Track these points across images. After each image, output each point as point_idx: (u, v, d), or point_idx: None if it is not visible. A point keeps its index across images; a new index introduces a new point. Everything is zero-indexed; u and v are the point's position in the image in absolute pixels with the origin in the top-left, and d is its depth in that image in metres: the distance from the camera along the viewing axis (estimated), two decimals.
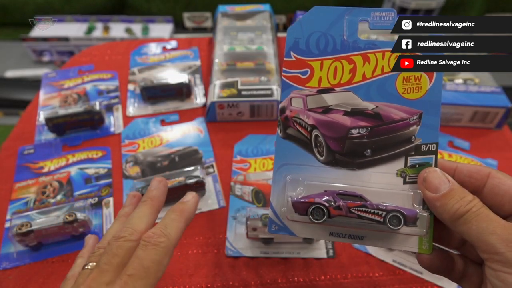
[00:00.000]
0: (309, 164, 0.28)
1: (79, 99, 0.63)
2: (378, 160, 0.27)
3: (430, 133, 0.26)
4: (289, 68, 0.28)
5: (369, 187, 0.27)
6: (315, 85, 0.28)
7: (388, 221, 0.25)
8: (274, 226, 0.28)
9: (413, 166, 0.26)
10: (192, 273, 0.42)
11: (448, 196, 0.23)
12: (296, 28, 0.28)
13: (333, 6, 0.28)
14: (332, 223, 0.27)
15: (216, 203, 0.48)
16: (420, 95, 0.27)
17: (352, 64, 0.28)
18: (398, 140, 0.27)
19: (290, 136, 0.28)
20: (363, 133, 0.27)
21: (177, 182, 0.46)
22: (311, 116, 0.28)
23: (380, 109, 0.28)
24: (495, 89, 0.57)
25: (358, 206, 0.26)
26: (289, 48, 0.28)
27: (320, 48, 0.28)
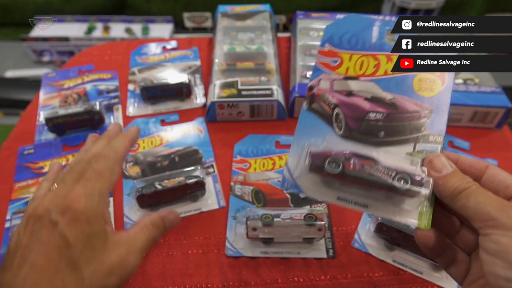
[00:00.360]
0: (327, 134, 0.31)
1: (79, 99, 0.63)
2: (389, 142, 0.30)
3: (438, 127, 0.30)
4: (323, 55, 0.34)
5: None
6: (343, 72, 0.33)
7: (396, 181, 0.28)
8: (287, 183, 0.31)
9: (420, 152, 0.30)
10: (192, 273, 0.42)
11: (451, 176, 0.26)
12: (333, 26, 0.34)
13: (366, 15, 0.34)
14: (341, 188, 0.30)
15: (216, 203, 0.48)
16: (432, 94, 0.32)
17: (377, 61, 0.33)
18: (410, 128, 0.31)
19: (313, 110, 0.33)
20: (379, 117, 0.31)
21: (177, 182, 0.46)
22: (336, 97, 0.32)
23: (397, 100, 0.32)
24: (495, 89, 0.57)
25: (371, 165, 0.29)
26: (325, 40, 0.34)
27: (351, 44, 0.33)
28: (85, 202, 0.28)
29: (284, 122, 0.59)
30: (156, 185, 0.45)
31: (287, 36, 0.79)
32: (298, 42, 0.68)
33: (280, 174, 0.52)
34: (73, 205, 0.28)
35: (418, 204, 0.28)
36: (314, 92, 0.33)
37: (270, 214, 0.43)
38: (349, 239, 0.45)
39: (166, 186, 0.45)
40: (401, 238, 0.42)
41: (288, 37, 0.78)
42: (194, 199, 0.48)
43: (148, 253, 0.44)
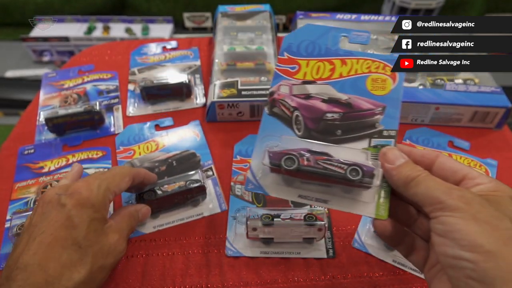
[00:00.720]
0: (286, 135, 0.34)
1: (79, 99, 0.63)
2: (347, 139, 0.33)
3: (391, 122, 0.33)
4: (282, 63, 0.36)
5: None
6: (301, 78, 0.35)
7: (348, 173, 0.30)
8: (250, 185, 0.33)
9: (375, 147, 0.32)
10: (192, 273, 0.42)
11: (403, 166, 0.28)
12: (291, 36, 0.37)
13: (322, 25, 0.36)
14: (302, 186, 0.32)
15: (217, 207, 0.48)
16: (384, 92, 0.34)
17: (332, 65, 0.35)
18: (365, 125, 0.33)
19: (275, 114, 0.35)
20: (336, 117, 0.34)
21: (177, 187, 0.45)
22: (295, 100, 0.35)
23: (352, 100, 0.34)
24: (495, 89, 0.57)
25: (324, 160, 0.31)
26: (283, 49, 0.36)
27: (308, 51, 0.36)
28: (91, 190, 0.33)
29: None
30: (157, 191, 0.45)
31: None
32: None
33: None
34: (80, 190, 0.33)
35: (373, 196, 0.30)
36: (275, 97, 0.35)
37: (270, 214, 0.43)
38: (349, 239, 0.45)
39: (167, 192, 0.45)
40: None
41: None
42: (195, 204, 0.48)
43: (148, 252, 0.44)
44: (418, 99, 0.56)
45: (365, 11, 2.08)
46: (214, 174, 0.52)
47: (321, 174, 0.30)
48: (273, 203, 0.48)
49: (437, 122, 0.59)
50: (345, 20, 0.74)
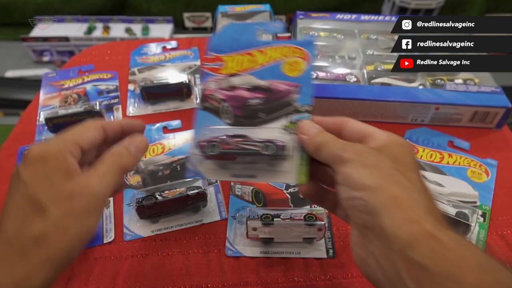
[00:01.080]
0: (220, 126, 0.37)
1: (79, 99, 0.63)
2: (270, 119, 0.36)
3: (306, 99, 0.36)
4: (208, 62, 0.39)
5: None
6: (226, 72, 0.39)
7: (263, 149, 0.34)
8: (190, 172, 0.35)
9: (294, 122, 0.35)
10: (192, 273, 0.42)
11: (316, 135, 0.31)
12: (216, 37, 0.40)
13: (242, 23, 0.40)
14: (233, 166, 0.35)
15: (218, 214, 0.47)
16: (299, 74, 0.37)
17: (252, 56, 0.38)
18: (284, 105, 0.37)
19: (207, 108, 0.38)
20: (259, 102, 0.37)
21: (178, 193, 0.45)
22: (222, 93, 0.38)
23: (271, 84, 0.38)
24: (495, 89, 0.57)
25: (242, 141, 0.35)
26: (209, 49, 0.39)
27: (231, 48, 0.39)
28: (41, 146, 0.30)
29: None
30: (157, 196, 0.45)
31: (287, 36, 0.79)
32: None
33: None
34: (30, 152, 0.29)
35: (294, 165, 0.33)
36: (205, 93, 0.38)
37: (270, 214, 0.43)
38: (349, 239, 0.45)
39: (167, 197, 0.45)
40: None
41: (288, 37, 0.78)
42: (195, 210, 0.47)
43: (148, 252, 0.44)
44: (418, 99, 0.56)
45: (365, 11, 2.08)
46: (217, 181, 0.51)
47: (240, 154, 0.34)
48: (273, 203, 0.48)
49: (437, 122, 0.59)
50: (345, 20, 0.74)
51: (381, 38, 0.70)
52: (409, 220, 0.24)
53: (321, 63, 0.64)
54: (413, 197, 0.25)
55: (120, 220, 0.47)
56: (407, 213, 0.24)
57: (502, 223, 0.46)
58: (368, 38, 0.70)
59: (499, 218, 0.47)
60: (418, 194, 0.26)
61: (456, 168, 0.52)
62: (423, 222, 0.24)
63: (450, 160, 0.53)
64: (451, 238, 0.23)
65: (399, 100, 0.56)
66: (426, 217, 0.24)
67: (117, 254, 0.44)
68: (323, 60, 0.65)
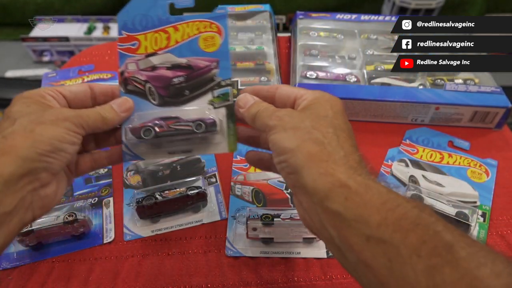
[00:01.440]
0: (147, 108, 0.37)
1: None
2: (195, 96, 0.38)
3: (226, 73, 0.37)
4: (123, 42, 0.38)
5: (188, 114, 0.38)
6: (143, 52, 0.38)
7: (195, 128, 0.36)
8: (127, 156, 0.37)
9: (218, 96, 0.37)
10: (192, 273, 0.42)
11: (251, 107, 0.33)
12: (123, 13, 0.38)
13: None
14: (168, 145, 0.37)
15: (217, 214, 0.47)
16: (215, 48, 0.38)
17: (167, 33, 0.38)
18: (206, 81, 0.38)
19: (130, 91, 0.38)
20: (181, 80, 0.38)
21: (178, 193, 0.45)
22: (144, 74, 0.38)
23: (191, 61, 0.38)
24: (495, 89, 0.57)
25: (174, 123, 0.36)
26: (120, 28, 0.38)
27: (143, 25, 0.38)
28: (28, 91, 0.33)
29: None
30: (157, 196, 0.45)
31: (287, 36, 0.79)
32: (298, 42, 0.68)
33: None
34: (19, 95, 0.32)
35: (224, 136, 0.36)
36: (125, 76, 0.38)
37: (270, 214, 0.43)
38: None
39: (167, 197, 0.45)
40: None
41: (288, 37, 0.78)
42: (195, 210, 0.47)
43: (148, 252, 0.44)
44: (418, 99, 0.56)
45: (365, 11, 2.08)
46: (217, 181, 0.51)
47: (175, 135, 0.36)
48: (273, 203, 0.48)
49: (437, 122, 0.59)
50: (345, 20, 0.74)
51: (381, 38, 0.70)
52: (324, 173, 0.26)
53: (321, 63, 0.64)
54: (327, 151, 0.27)
55: (120, 220, 0.47)
56: (322, 167, 0.26)
57: (502, 223, 0.46)
58: (368, 38, 0.70)
59: (499, 218, 0.47)
60: (332, 148, 0.27)
61: (456, 168, 0.52)
62: (336, 173, 0.26)
63: (450, 160, 0.53)
64: (358, 183, 0.25)
65: (399, 100, 0.56)
66: (339, 168, 0.26)
67: (117, 254, 0.44)
68: (323, 60, 0.65)
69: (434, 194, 0.46)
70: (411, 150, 0.54)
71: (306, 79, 0.61)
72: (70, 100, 0.35)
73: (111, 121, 0.35)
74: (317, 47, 0.68)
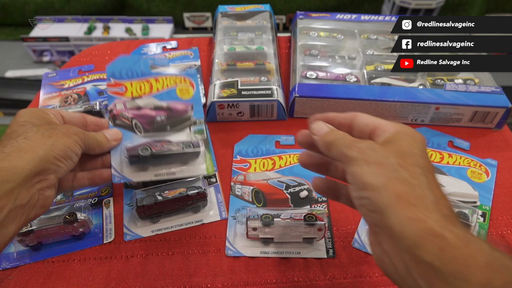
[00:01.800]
0: (134, 138, 0.45)
1: (79, 99, 0.63)
2: (175, 131, 0.47)
3: (199, 114, 0.48)
4: (111, 87, 0.47)
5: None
6: (129, 96, 0.47)
7: (184, 147, 0.45)
8: (117, 178, 0.42)
9: (196, 132, 0.47)
10: (192, 273, 0.42)
11: (327, 135, 0.32)
12: (111, 65, 0.47)
13: (132, 56, 0.49)
14: (154, 168, 0.44)
15: (218, 214, 0.47)
16: (189, 97, 0.48)
17: (149, 83, 0.48)
18: (184, 120, 0.47)
19: (118, 125, 0.46)
20: (163, 118, 0.47)
21: (178, 193, 0.45)
22: (131, 112, 0.46)
23: (171, 104, 0.47)
24: (495, 89, 0.57)
25: (167, 143, 0.45)
26: (109, 76, 0.47)
27: (129, 75, 0.47)
28: (33, 108, 0.38)
29: (284, 122, 0.59)
30: (157, 196, 0.45)
31: (287, 36, 0.79)
32: (298, 42, 0.68)
33: (280, 174, 0.52)
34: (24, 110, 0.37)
35: (202, 160, 0.45)
36: (114, 113, 0.46)
37: (270, 214, 0.43)
38: (349, 239, 0.45)
39: (167, 197, 0.45)
40: None
41: (288, 37, 0.78)
42: (195, 210, 0.47)
43: (148, 252, 0.44)
44: (418, 99, 0.56)
45: (365, 11, 2.08)
46: (217, 181, 0.51)
47: (168, 153, 0.44)
48: (273, 203, 0.48)
49: (437, 122, 0.59)
50: (345, 20, 0.74)
51: (381, 38, 0.70)
52: (414, 219, 0.24)
53: (321, 63, 0.64)
54: (416, 193, 0.25)
55: (120, 220, 0.47)
56: (412, 211, 0.24)
57: (502, 223, 0.46)
58: (368, 38, 0.70)
59: (499, 218, 0.47)
60: (422, 190, 0.25)
61: (456, 168, 0.52)
62: (427, 219, 0.24)
63: (450, 160, 0.53)
64: (456, 235, 0.23)
65: (399, 100, 0.56)
66: (431, 214, 0.24)
67: (117, 254, 0.44)
68: (323, 60, 0.65)
69: None
70: None
71: (306, 79, 0.61)
72: (66, 122, 0.40)
73: (104, 146, 0.42)
74: (317, 47, 0.68)
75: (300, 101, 0.57)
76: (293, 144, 0.55)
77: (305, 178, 0.51)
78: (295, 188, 0.49)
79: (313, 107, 0.58)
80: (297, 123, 0.59)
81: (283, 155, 0.54)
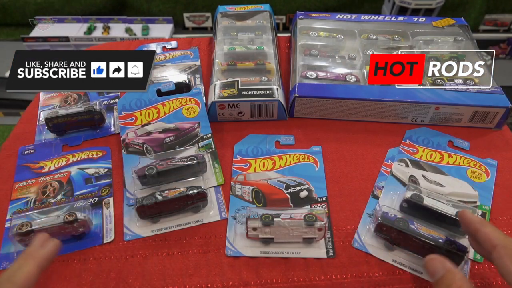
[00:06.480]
0: (143, 160, 0.50)
1: (80, 99, 0.63)
2: (184, 149, 0.51)
3: (206, 130, 0.53)
4: (123, 119, 0.54)
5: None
6: (139, 123, 0.53)
7: (189, 161, 0.48)
8: (131, 200, 0.47)
9: (203, 146, 0.52)
10: (192, 273, 0.42)
11: (439, 282, 0.33)
12: (122, 99, 0.55)
13: (138, 91, 0.56)
14: (162, 187, 0.47)
15: (218, 214, 0.47)
16: (195, 115, 0.54)
17: (157, 109, 0.55)
18: (192, 137, 0.52)
19: (131, 152, 0.51)
20: (172, 139, 0.52)
21: (178, 193, 0.45)
22: (141, 138, 0.52)
23: (178, 125, 0.53)
24: (495, 89, 0.57)
25: (171, 161, 0.48)
26: (120, 109, 0.54)
27: (137, 106, 0.55)
28: None
29: (284, 122, 0.59)
30: (157, 196, 0.45)
31: (287, 36, 0.79)
32: (298, 42, 0.68)
33: (280, 174, 0.52)
34: None
35: (211, 173, 0.50)
36: (127, 142, 0.52)
37: (270, 214, 0.43)
38: (349, 239, 0.45)
39: (167, 197, 0.44)
40: (401, 238, 0.42)
41: (288, 37, 0.78)
42: (195, 210, 0.47)
43: (148, 252, 0.44)
44: (418, 99, 0.56)
45: (365, 11, 2.08)
46: None
47: (173, 169, 0.47)
48: (273, 203, 0.48)
49: (437, 122, 0.59)
50: (345, 20, 0.74)
51: (381, 38, 0.70)
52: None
53: (321, 63, 0.64)
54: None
55: (120, 220, 0.47)
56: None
57: (502, 223, 0.46)
58: (368, 38, 0.70)
59: (499, 218, 0.47)
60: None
61: (456, 168, 0.52)
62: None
63: (450, 160, 0.53)
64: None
65: (399, 100, 0.56)
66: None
67: (117, 254, 0.44)
68: (323, 60, 0.65)
69: (434, 194, 0.46)
70: (411, 150, 0.54)
71: (306, 79, 0.61)
72: None
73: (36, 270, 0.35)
74: (317, 47, 0.68)
75: (300, 101, 0.57)
76: (293, 144, 0.56)
77: (305, 178, 0.51)
78: (295, 188, 0.49)
79: (313, 107, 0.58)
80: (297, 123, 0.59)
81: (283, 155, 0.54)
